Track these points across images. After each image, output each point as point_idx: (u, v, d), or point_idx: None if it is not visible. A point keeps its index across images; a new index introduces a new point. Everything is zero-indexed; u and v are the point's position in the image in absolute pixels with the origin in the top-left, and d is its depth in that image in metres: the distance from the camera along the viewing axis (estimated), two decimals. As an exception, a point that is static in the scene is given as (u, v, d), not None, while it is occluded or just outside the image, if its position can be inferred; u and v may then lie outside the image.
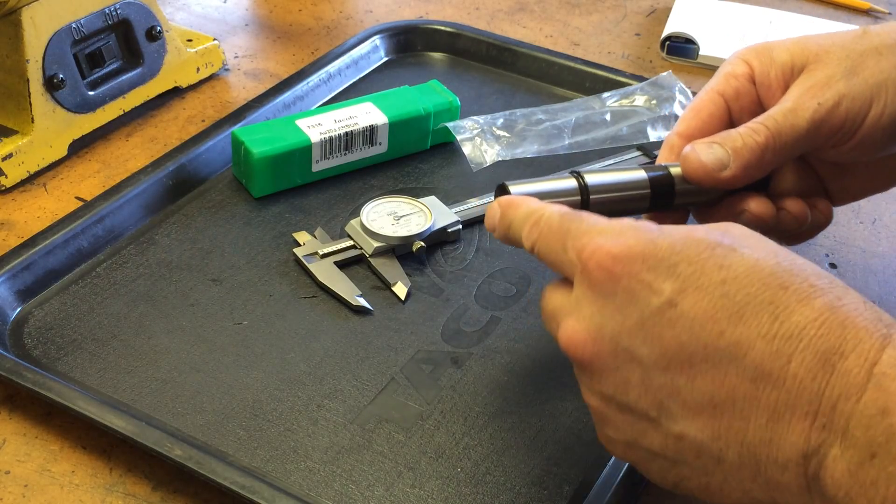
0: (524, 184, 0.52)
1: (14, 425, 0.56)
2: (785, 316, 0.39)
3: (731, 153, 0.53)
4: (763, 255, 0.41)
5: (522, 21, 1.00)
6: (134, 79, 0.79)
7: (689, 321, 0.40)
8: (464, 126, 0.76)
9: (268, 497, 0.49)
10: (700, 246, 0.41)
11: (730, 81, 0.56)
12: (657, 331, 0.41)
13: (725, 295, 0.40)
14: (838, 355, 0.38)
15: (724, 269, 0.40)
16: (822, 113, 0.53)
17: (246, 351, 0.59)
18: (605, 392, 0.44)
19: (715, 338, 0.40)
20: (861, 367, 0.38)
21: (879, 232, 0.74)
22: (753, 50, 0.57)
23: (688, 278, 0.41)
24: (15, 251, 0.63)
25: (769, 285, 0.40)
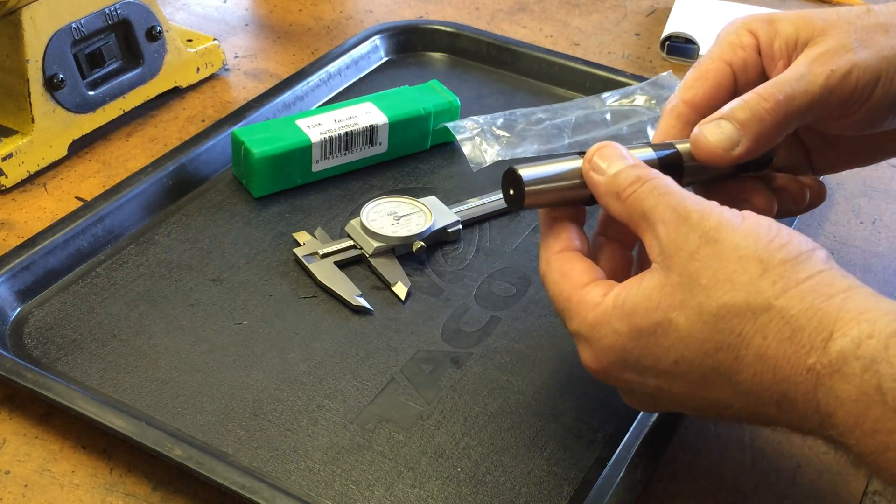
0: (534, 166, 0.51)
1: (14, 425, 0.56)
2: (737, 373, 0.44)
3: (740, 128, 0.52)
4: (689, 328, 0.45)
5: (522, 21, 1.00)
6: (134, 79, 0.79)
7: (681, 391, 0.47)
8: (464, 126, 0.76)
9: (268, 497, 0.49)
10: (648, 341, 0.46)
11: (737, 52, 0.55)
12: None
13: (684, 376, 0.46)
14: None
15: (672, 354, 0.45)
16: (835, 80, 0.52)
17: (246, 351, 0.59)
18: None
19: (703, 394, 0.47)
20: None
21: (879, 232, 0.74)
22: (757, 20, 0.55)
23: (660, 374, 0.46)
24: (15, 251, 0.63)
25: (705, 360, 0.45)
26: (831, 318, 0.42)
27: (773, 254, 0.44)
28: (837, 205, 0.76)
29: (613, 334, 0.47)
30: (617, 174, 0.49)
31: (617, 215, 0.49)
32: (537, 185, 0.51)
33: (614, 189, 0.48)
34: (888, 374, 0.40)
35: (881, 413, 0.40)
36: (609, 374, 0.49)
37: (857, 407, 0.40)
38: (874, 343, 0.40)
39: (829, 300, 0.43)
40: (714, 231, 0.45)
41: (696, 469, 0.55)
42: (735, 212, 0.46)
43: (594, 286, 0.49)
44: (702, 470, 0.55)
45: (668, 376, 0.46)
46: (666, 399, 0.48)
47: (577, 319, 0.49)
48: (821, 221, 0.75)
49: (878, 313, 0.42)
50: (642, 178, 0.48)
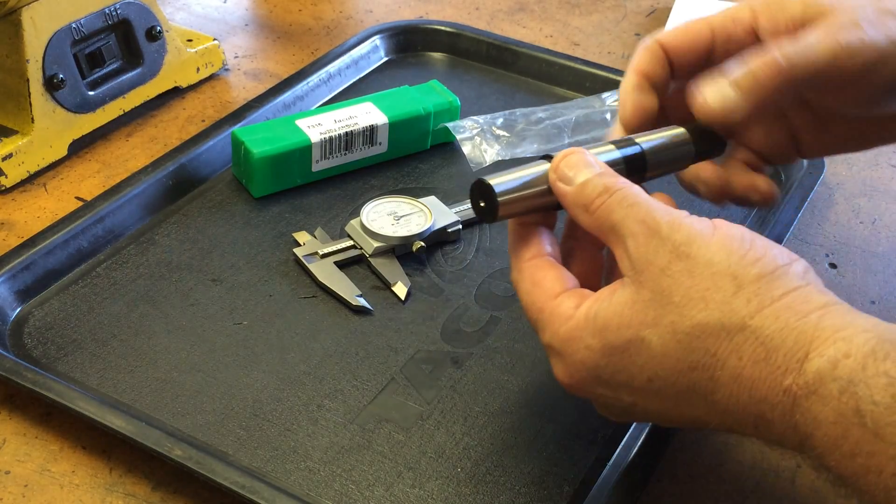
0: (504, 175, 0.50)
1: (14, 425, 0.56)
2: (713, 392, 0.43)
3: (741, 94, 0.51)
4: (662, 346, 0.44)
5: (522, 21, 1.00)
6: (134, 79, 0.79)
7: (657, 408, 0.46)
8: (464, 126, 0.76)
9: (268, 497, 0.49)
10: (621, 358, 0.45)
11: (726, 23, 0.54)
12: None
13: (658, 394, 0.45)
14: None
15: (646, 373, 0.45)
16: (844, 54, 0.50)
17: (246, 351, 0.59)
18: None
19: (679, 412, 0.46)
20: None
21: (879, 232, 0.74)
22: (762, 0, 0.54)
23: (634, 391, 0.46)
24: (15, 251, 0.63)
25: (680, 378, 0.44)
26: (807, 337, 0.41)
27: (747, 269, 0.43)
28: (837, 205, 0.76)
29: (586, 350, 0.46)
30: (584, 184, 0.48)
31: (586, 227, 0.48)
32: (510, 195, 0.49)
33: (582, 201, 0.48)
34: (866, 395, 0.39)
35: (860, 435, 0.39)
36: (582, 389, 0.48)
37: (836, 429, 0.40)
38: (851, 363, 0.40)
39: (805, 318, 0.42)
40: (685, 245, 0.44)
41: (696, 469, 0.55)
42: (705, 221, 0.45)
43: (566, 297, 0.48)
44: (702, 470, 0.55)
45: (642, 393, 0.45)
46: (641, 414, 0.48)
47: (549, 332, 0.48)
48: (821, 221, 0.75)
49: (854, 331, 0.41)
50: (610, 189, 0.47)
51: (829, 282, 0.69)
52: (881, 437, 0.38)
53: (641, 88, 0.55)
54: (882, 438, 0.38)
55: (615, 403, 0.48)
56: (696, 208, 0.62)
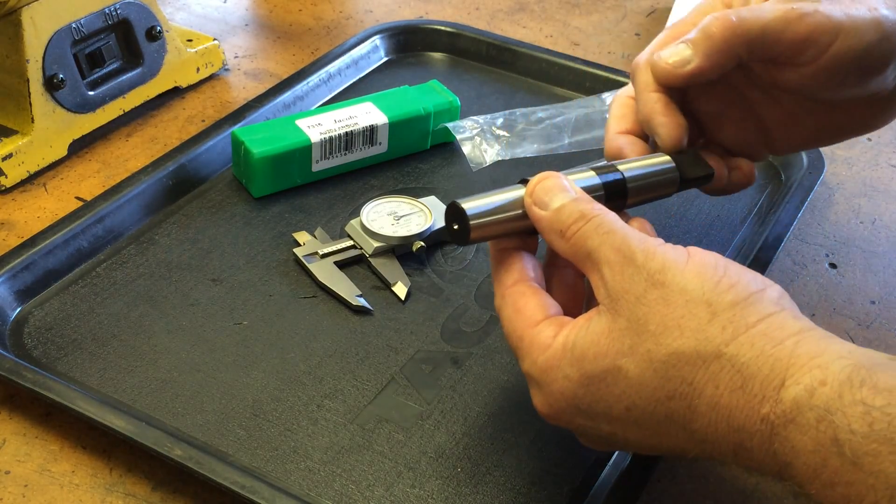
0: (477, 199, 0.50)
1: (14, 425, 0.56)
2: (691, 421, 0.43)
3: (692, 46, 0.52)
4: (639, 375, 0.44)
5: (522, 21, 1.00)
6: (134, 79, 0.79)
7: (636, 438, 0.46)
8: (463, 126, 0.76)
9: (268, 497, 0.49)
10: (598, 388, 0.45)
11: (706, 13, 0.54)
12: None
13: (637, 423, 0.45)
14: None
15: (623, 402, 0.45)
16: (794, 16, 0.51)
17: (246, 351, 0.59)
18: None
19: (658, 441, 0.46)
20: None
21: (879, 232, 0.74)
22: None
23: (613, 421, 0.46)
24: (15, 251, 0.63)
25: (658, 407, 0.44)
26: (783, 365, 0.41)
27: (722, 296, 0.43)
28: (837, 205, 0.76)
29: (564, 379, 0.46)
30: (560, 210, 0.48)
31: (562, 253, 0.48)
32: (482, 219, 0.49)
33: (557, 226, 0.48)
34: (843, 424, 0.38)
35: (839, 465, 0.38)
36: (561, 419, 0.48)
37: (815, 458, 0.39)
38: (828, 391, 0.39)
39: (780, 345, 0.42)
40: (659, 273, 0.44)
41: (696, 469, 0.55)
42: (680, 249, 0.45)
43: (545, 325, 0.48)
44: (702, 470, 0.55)
45: (620, 423, 0.45)
46: (622, 443, 0.48)
47: (528, 361, 0.48)
48: (821, 221, 0.75)
49: (830, 357, 0.41)
50: (586, 216, 0.47)
51: (829, 282, 0.69)
52: (860, 467, 0.38)
53: (626, 105, 0.57)
54: (861, 468, 0.38)
55: (594, 433, 0.48)
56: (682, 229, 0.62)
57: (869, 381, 0.39)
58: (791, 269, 0.70)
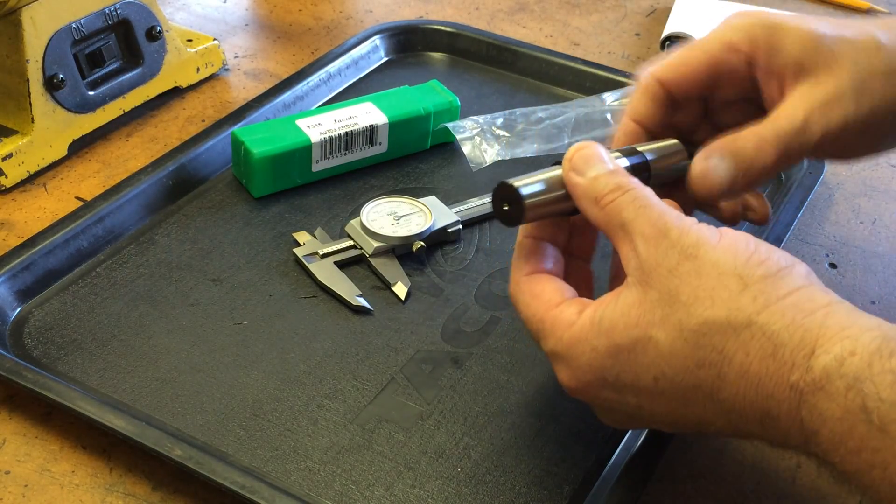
0: (528, 178, 0.50)
1: (14, 425, 0.56)
2: (719, 390, 0.44)
3: (740, 171, 0.52)
4: (670, 344, 0.44)
5: (522, 21, 1.00)
6: (134, 79, 0.79)
7: (662, 410, 0.46)
8: (464, 126, 0.76)
9: (268, 497, 0.49)
10: (627, 358, 0.46)
11: (726, 54, 0.54)
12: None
13: (664, 393, 0.45)
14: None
15: (652, 371, 0.45)
16: (830, 137, 0.52)
17: (246, 351, 0.59)
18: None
19: (683, 412, 0.46)
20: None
21: (879, 232, 0.74)
22: (762, 25, 0.54)
23: (640, 392, 0.46)
24: (15, 251, 0.63)
25: (686, 377, 0.44)
26: (813, 335, 0.42)
27: (753, 270, 0.44)
28: (837, 205, 0.76)
29: (592, 352, 0.46)
30: (596, 178, 0.48)
31: (594, 220, 0.48)
32: (535, 199, 0.49)
33: (593, 193, 0.48)
34: (872, 392, 0.39)
35: (866, 432, 0.39)
36: (588, 393, 0.48)
37: (842, 425, 0.40)
38: (857, 361, 0.40)
39: (811, 316, 0.42)
40: (692, 248, 0.45)
41: (696, 469, 0.55)
42: (713, 229, 0.46)
43: (567, 305, 0.48)
44: (702, 470, 0.55)
45: (648, 394, 0.46)
46: (646, 418, 0.48)
47: (553, 339, 0.48)
48: (821, 221, 0.75)
49: (859, 329, 0.41)
50: (623, 187, 0.47)
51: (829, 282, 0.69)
52: (887, 433, 0.39)
53: (632, 135, 0.57)
54: (888, 434, 0.39)
55: (619, 407, 0.48)
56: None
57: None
58: (791, 269, 0.70)
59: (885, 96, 0.52)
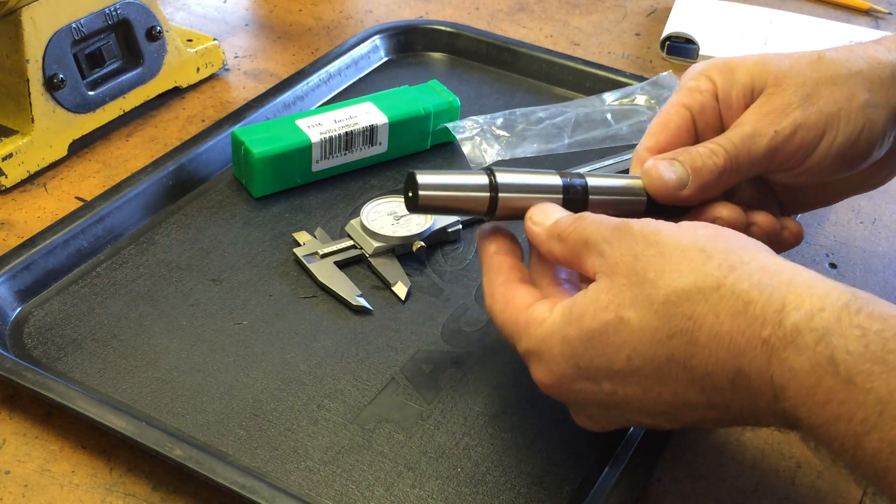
0: (434, 174, 0.53)
1: (14, 425, 0.56)
2: (692, 356, 0.45)
3: (690, 172, 0.55)
4: (640, 320, 0.45)
5: (522, 21, 1.00)
6: (134, 79, 0.79)
7: (635, 393, 0.47)
8: (464, 126, 0.76)
9: (268, 497, 0.49)
10: (599, 342, 0.47)
11: (695, 96, 0.58)
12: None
13: (638, 372, 0.46)
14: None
15: (624, 351, 0.46)
16: (779, 140, 0.55)
17: (246, 351, 0.59)
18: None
19: (658, 391, 0.47)
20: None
21: (879, 232, 0.74)
22: (716, 67, 0.58)
23: (613, 375, 0.47)
24: (15, 251, 0.63)
25: (659, 350, 0.45)
26: (782, 293, 0.43)
27: (715, 244, 0.46)
28: (837, 205, 0.76)
29: (563, 342, 0.48)
30: (557, 221, 0.51)
31: (560, 256, 0.51)
32: (433, 192, 0.53)
33: (556, 232, 0.51)
34: (840, 345, 0.40)
35: (833, 383, 0.40)
36: (562, 386, 0.49)
37: (810, 378, 0.41)
38: (827, 315, 0.41)
39: (778, 276, 0.44)
40: (654, 234, 0.47)
41: (696, 469, 0.55)
42: (671, 223, 0.48)
43: (539, 304, 0.50)
44: (702, 470, 0.55)
45: (621, 376, 0.47)
46: (621, 407, 0.48)
47: (525, 338, 0.50)
48: (821, 221, 0.75)
49: (825, 288, 0.43)
50: (581, 218, 0.50)
51: (829, 282, 0.69)
52: (853, 385, 0.40)
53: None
54: (854, 385, 0.40)
55: (594, 398, 0.49)
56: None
57: (865, 309, 0.41)
58: (791, 269, 0.70)
59: (833, 99, 0.55)
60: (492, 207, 0.53)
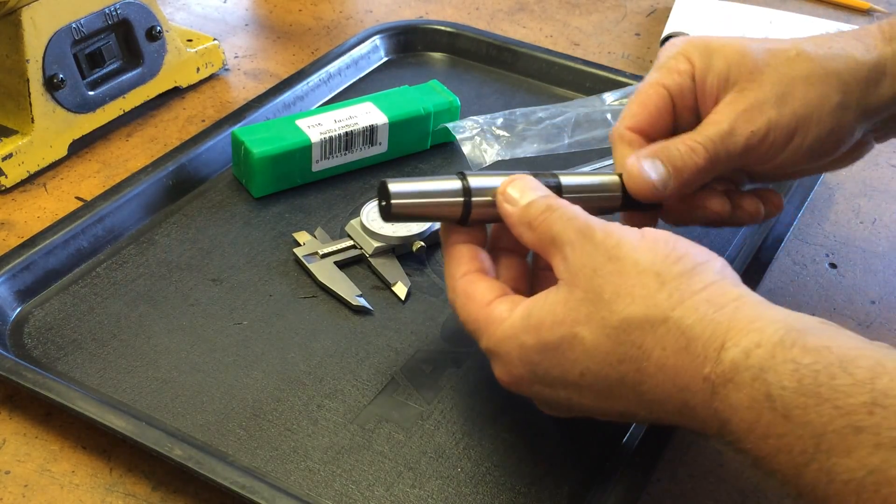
0: (406, 182, 0.53)
1: (14, 425, 0.56)
2: (640, 383, 0.46)
3: (672, 172, 0.56)
4: (594, 341, 0.47)
5: (522, 21, 1.00)
6: (134, 79, 0.79)
7: (590, 403, 0.49)
8: (464, 126, 0.76)
9: (268, 497, 0.49)
10: (555, 354, 0.48)
11: (674, 77, 0.58)
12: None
13: (590, 387, 0.48)
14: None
15: (578, 367, 0.47)
16: (754, 141, 0.56)
17: (246, 351, 0.59)
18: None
19: (610, 404, 0.48)
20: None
21: (879, 232, 0.74)
22: (695, 47, 0.58)
23: (568, 386, 0.48)
24: (15, 251, 0.63)
25: (610, 371, 0.47)
26: (723, 328, 0.44)
27: (670, 267, 0.46)
28: (837, 205, 0.76)
29: (520, 348, 0.49)
30: (529, 204, 0.51)
31: (529, 243, 0.51)
32: (406, 200, 0.53)
33: (527, 219, 0.51)
34: (775, 381, 0.41)
35: (771, 419, 0.41)
36: (521, 387, 0.51)
37: (750, 414, 0.42)
38: (762, 352, 0.42)
39: (721, 310, 0.45)
40: (615, 249, 0.47)
41: (696, 469, 0.55)
42: (635, 230, 0.48)
43: (500, 302, 0.51)
44: (702, 470, 0.55)
45: (575, 388, 0.48)
46: (577, 409, 0.50)
47: (486, 336, 0.51)
48: (821, 221, 0.75)
49: (765, 322, 0.43)
50: (552, 207, 0.50)
51: (829, 282, 0.69)
52: (790, 419, 0.41)
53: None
54: (790, 420, 0.41)
55: (552, 399, 0.50)
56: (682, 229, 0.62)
57: (799, 342, 0.42)
58: (791, 269, 0.70)
59: (806, 101, 0.56)
60: (466, 212, 0.53)
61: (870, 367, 0.40)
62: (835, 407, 0.40)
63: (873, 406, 0.39)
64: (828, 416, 0.40)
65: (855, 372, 0.40)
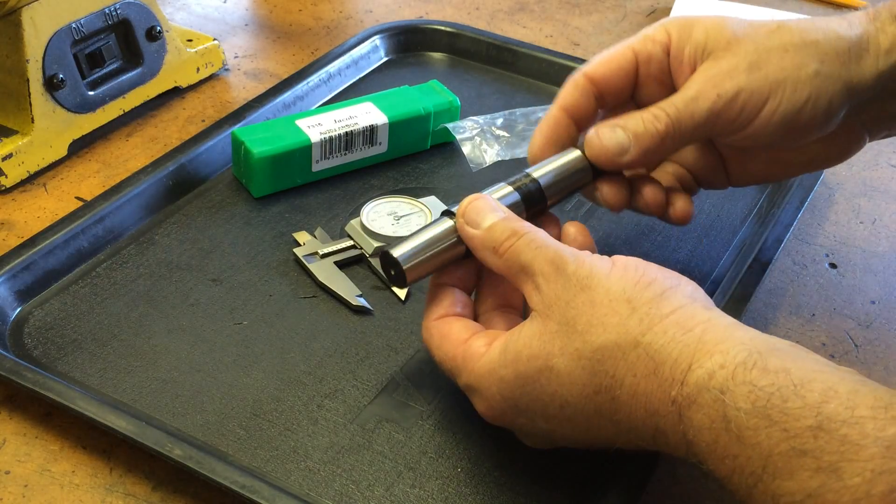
0: (406, 243, 0.53)
1: (14, 425, 0.56)
2: (615, 412, 0.46)
3: (632, 139, 0.55)
4: (570, 373, 0.47)
5: (522, 21, 1.00)
6: (134, 79, 0.79)
7: (570, 434, 0.49)
8: (463, 126, 0.76)
9: (268, 497, 0.49)
10: (534, 387, 0.48)
11: (646, 45, 0.58)
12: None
13: (570, 419, 0.48)
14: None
15: (557, 400, 0.47)
16: (721, 104, 0.55)
17: (246, 351, 0.59)
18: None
19: (589, 435, 0.49)
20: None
21: (879, 232, 0.74)
22: (676, 22, 0.58)
23: (549, 419, 0.48)
24: (15, 251, 0.63)
25: (587, 403, 0.47)
26: (690, 350, 0.44)
27: (641, 293, 0.46)
28: (837, 205, 0.76)
29: (500, 382, 0.49)
30: (491, 228, 0.51)
31: (495, 268, 0.51)
32: (415, 260, 0.53)
33: (490, 244, 0.51)
34: (731, 403, 0.41)
35: (728, 440, 0.41)
36: (504, 420, 0.51)
37: (710, 435, 0.42)
38: (724, 373, 0.42)
39: (689, 332, 0.45)
40: (587, 279, 0.47)
41: (697, 469, 0.55)
42: (605, 259, 0.49)
43: (476, 339, 0.51)
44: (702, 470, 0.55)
45: (556, 420, 0.48)
46: (559, 440, 0.50)
47: (465, 373, 0.51)
48: (821, 221, 0.75)
49: (732, 343, 0.43)
50: (518, 233, 0.50)
51: (829, 282, 0.69)
52: (742, 441, 0.41)
53: (559, 124, 0.59)
54: (743, 441, 0.41)
55: (535, 431, 0.50)
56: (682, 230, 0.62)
57: (760, 364, 0.42)
58: (791, 269, 0.70)
59: (781, 66, 0.54)
60: (468, 247, 0.53)
61: (822, 390, 0.40)
62: (783, 430, 0.40)
63: (818, 430, 0.39)
64: (776, 439, 0.40)
65: (806, 395, 0.40)
